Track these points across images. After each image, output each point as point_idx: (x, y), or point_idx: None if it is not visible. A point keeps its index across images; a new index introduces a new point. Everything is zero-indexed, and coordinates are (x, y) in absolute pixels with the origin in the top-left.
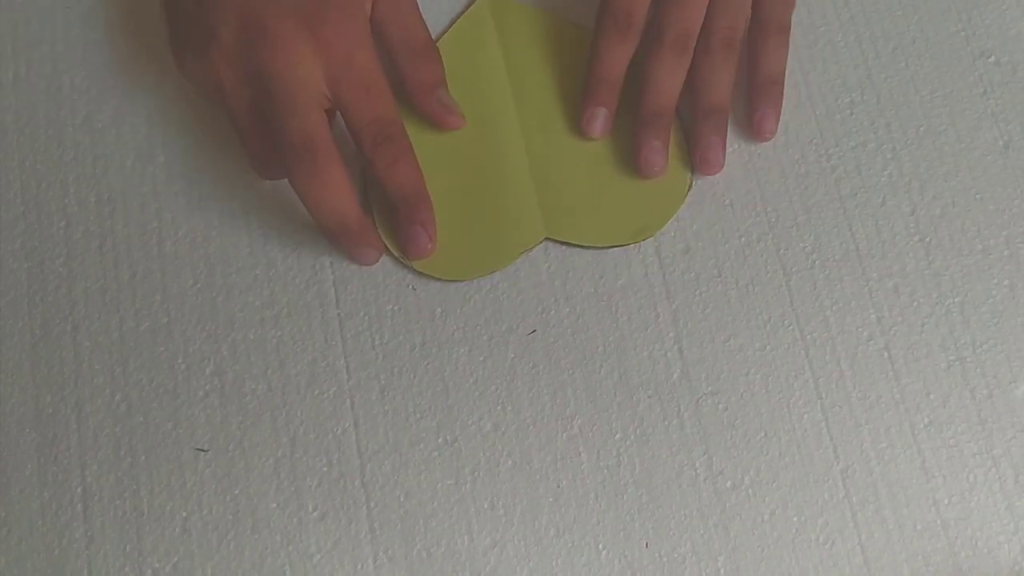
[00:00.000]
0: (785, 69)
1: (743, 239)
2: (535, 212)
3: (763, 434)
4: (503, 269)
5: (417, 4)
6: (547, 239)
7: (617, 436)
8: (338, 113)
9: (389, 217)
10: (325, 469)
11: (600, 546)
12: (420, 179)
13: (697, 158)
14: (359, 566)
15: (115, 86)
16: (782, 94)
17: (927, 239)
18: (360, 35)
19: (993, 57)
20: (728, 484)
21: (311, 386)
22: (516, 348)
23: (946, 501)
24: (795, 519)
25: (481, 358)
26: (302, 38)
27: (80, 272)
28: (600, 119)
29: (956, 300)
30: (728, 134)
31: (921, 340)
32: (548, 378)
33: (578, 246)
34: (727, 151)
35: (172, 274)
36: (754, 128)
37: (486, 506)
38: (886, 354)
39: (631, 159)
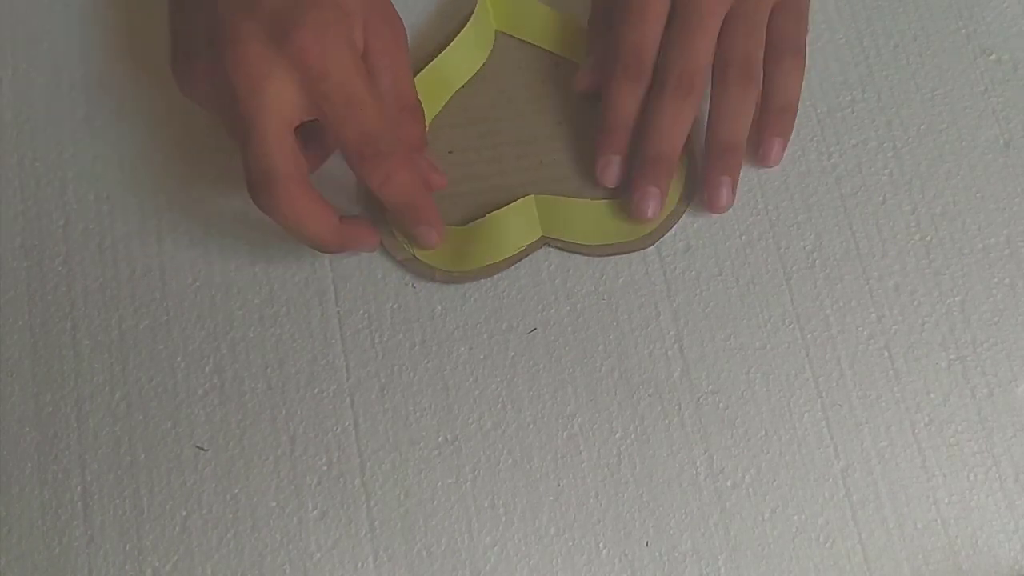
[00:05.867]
0: (799, 95)
1: (744, 238)
2: (532, 211)
3: (763, 433)
4: (503, 270)
5: (408, 57)
6: (545, 241)
7: (618, 435)
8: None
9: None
10: (325, 468)
11: (600, 545)
12: (417, 185)
13: (706, 196)
14: (359, 565)
15: (114, 84)
16: (794, 121)
17: (928, 238)
18: (338, 46)
19: (994, 55)
20: (728, 483)
21: (311, 384)
22: (516, 346)
23: (946, 500)
24: (795, 518)
25: (481, 356)
26: (273, 53)
27: (79, 270)
28: (615, 166)
29: (957, 299)
30: None
31: (921, 339)
32: (548, 377)
33: (573, 249)
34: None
35: (171, 272)
36: (760, 156)
37: (486, 505)
38: (886, 353)
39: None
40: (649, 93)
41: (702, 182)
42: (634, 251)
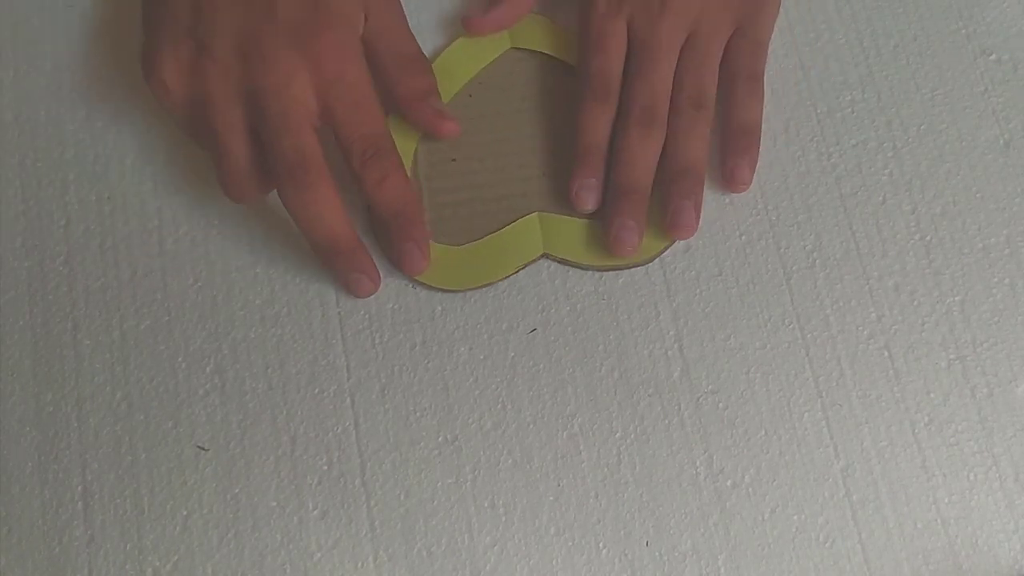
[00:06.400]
0: (759, 117)
1: (743, 238)
2: (535, 230)
3: (763, 433)
4: (499, 281)
5: (406, 19)
6: (545, 256)
7: (617, 435)
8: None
9: (385, 232)
10: (325, 468)
11: (600, 545)
12: (411, 195)
13: (668, 223)
14: (359, 564)
15: (115, 84)
16: (756, 143)
17: (927, 238)
18: (351, 52)
19: (994, 55)
20: (728, 483)
21: (311, 384)
22: (516, 347)
23: (946, 500)
24: (795, 518)
25: (481, 357)
26: (296, 55)
27: (80, 271)
28: (589, 190)
29: (956, 299)
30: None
31: (921, 339)
32: (548, 377)
33: (573, 264)
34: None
35: (172, 272)
36: (726, 178)
37: (486, 505)
38: (886, 353)
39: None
40: (617, 122)
41: (664, 206)
42: (634, 267)
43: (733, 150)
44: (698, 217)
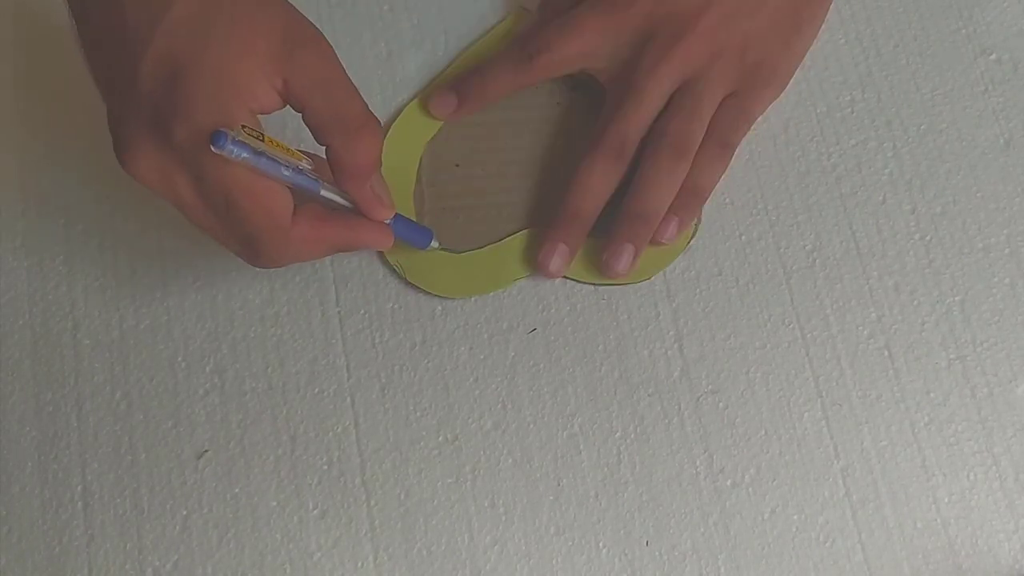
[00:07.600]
0: (712, 184)
1: (743, 237)
2: (532, 246)
3: (763, 432)
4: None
5: (343, 73)
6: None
7: (617, 434)
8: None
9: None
10: (325, 467)
11: (600, 544)
12: (305, 253)
13: (604, 258)
14: (359, 564)
15: None
16: (699, 206)
17: (927, 237)
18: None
19: (994, 55)
20: (728, 482)
21: (311, 384)
22: (516, 346)
23: (946, 499)
24: (795, 517)
25: (481, 356)
26: (162, 154)
27: (80, 270)
28: (560, 255)
29: (956, 298)
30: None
31: (921, 338)
32: (548, 376)
33: (572, 280)
34: None
35: (172, 271)
36: (657, 230)
37: (486, 504)
38: (886, 352)
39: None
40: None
41: (606, 243)
42: (631, 284)
43: (672, 207)
44: (634, 263)
